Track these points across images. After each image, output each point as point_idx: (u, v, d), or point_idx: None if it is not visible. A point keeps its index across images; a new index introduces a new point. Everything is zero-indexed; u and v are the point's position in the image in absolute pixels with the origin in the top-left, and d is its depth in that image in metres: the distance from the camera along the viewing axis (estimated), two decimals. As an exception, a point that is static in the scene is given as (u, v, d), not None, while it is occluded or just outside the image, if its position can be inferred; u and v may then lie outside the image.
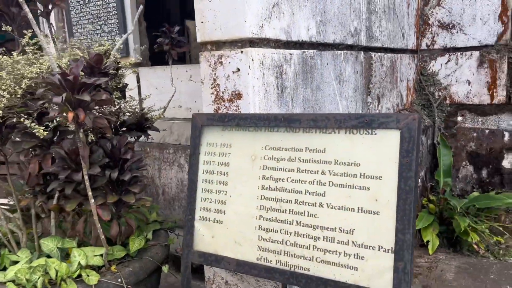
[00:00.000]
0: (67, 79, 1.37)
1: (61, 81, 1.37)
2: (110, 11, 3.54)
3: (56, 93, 1.38)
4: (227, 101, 1.59)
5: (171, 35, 2.54)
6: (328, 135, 1.33)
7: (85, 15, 3.70)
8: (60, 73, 1.37)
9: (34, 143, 1.78)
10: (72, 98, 1.38)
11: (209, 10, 1.56)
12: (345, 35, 2.24)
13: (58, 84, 1.37)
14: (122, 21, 3.45)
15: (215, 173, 1.55)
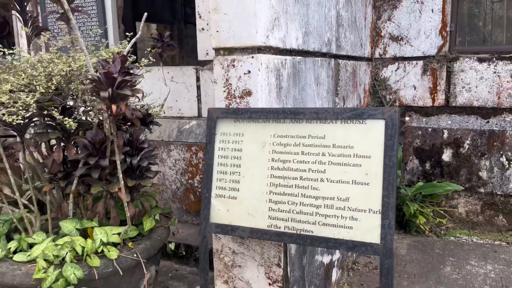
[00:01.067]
0: (110, 77, 1.61)
1: (105, 79, 1.61)
2: (93, 18, 3.68)
3: (100, 89, 1.61)
4: (238, 97, 1.90)
5: (163, 39, 2.81)
6: (327, 125, 1.69)
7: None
8: (104, 72, 1.61)
9: (58, 134, 1.97)
10: (114, 93, 1.62)
11: (224, 22, 1.86)
12: (321, 44, 2.62)
13: (102, 81, 1.61)
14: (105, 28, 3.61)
15: (229, 158, 1.86)
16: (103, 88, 1.61)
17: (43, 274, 1.82)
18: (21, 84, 1.85)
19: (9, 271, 1.91)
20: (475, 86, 3.76)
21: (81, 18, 3.74)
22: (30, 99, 1.80)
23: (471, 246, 3.45)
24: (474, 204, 3.79)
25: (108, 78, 1.61)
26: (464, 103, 3.83)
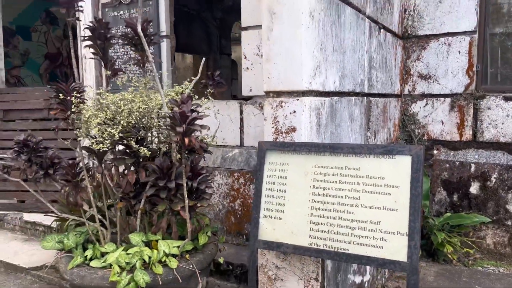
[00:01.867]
0: (184, 115, 1.99)
1: (180, 117, 1.99)
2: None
3: (176, 125, 1.99)
4: (284, 133, 2.24)
5: (214, 78, 3.21)
6: (362, 158, 1.99)
7: (124, 54, 4.31)
8: (179, 112, 1.99)
9: (132, 160, 2.35)
10: (187, 128, 1.99)
11: (274, 70, 2.22)
12: (355, 85, 2.95)
13: (177, 119, 1.99)
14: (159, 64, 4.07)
15: (276, 184, 2.18)
16: (179, 124, 1.98)
17: (117, 277, 2.17)
18: (107, 118, 2.26)
19: (88, 275, 2.26)
20: (502, 123, 3.97)
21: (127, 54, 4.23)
22: (115, 131, 2.20)
23: (497, 276, 3.58)
24: (502, 236, 3.92)
25: (182, 116, 1.99)
26: (490, 138, 4.03)
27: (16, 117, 5.14)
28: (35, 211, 4.68)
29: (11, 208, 4.79)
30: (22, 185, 4.87)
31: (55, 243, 2.51)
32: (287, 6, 2.15)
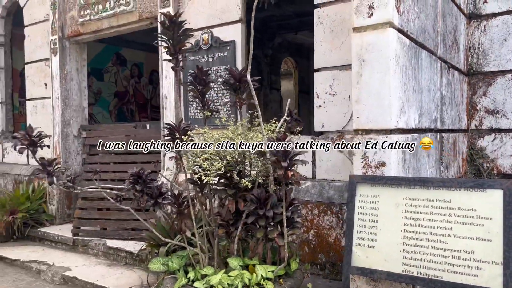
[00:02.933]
0: (287, 152, 2.25)
1: (282, 154, 2.26)
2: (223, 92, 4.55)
3: (280, 160, 2.25)
4: (374, 167, 2.45)
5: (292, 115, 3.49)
6: (452, 192, 2.15)
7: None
8: (283, 151, 2.25)
9: (233, 190, 2.63)
10: (290, 163, 2.25)
11: (363, 111, 2.46)
12: (430, 121, 3.13)
13: (280, 156, 2.25)
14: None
15: (368, 214, 2.37)
16: (283, 160, 2.24)
17: (222, 297, 2.40)
18: (213, 154, 2.57)
19: (193, 295, 2.52)
20: None
21: (216, 95, 4.62)
22: (220, 165, 2.50)
23: None
24: None
25: (285, 153, 2.25)
26: None
27: (101, 151, 5.66)
28: (116, 237, 5.06)
29: (94, 234, 5.21)
30: (105, 213, 5.29)
31: (161, 265, 2.79)
32: (376, 54, 2.40)
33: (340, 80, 3.77)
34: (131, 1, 5.20)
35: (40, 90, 6.48)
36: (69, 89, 6.12)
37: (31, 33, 6.58)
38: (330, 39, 3.80)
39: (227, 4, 4.48)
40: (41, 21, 6.39)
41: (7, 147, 7.11)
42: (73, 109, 6.18)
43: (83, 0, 5.69)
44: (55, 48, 6.02)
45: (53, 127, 6.12)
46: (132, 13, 5.24)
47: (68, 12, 5.96)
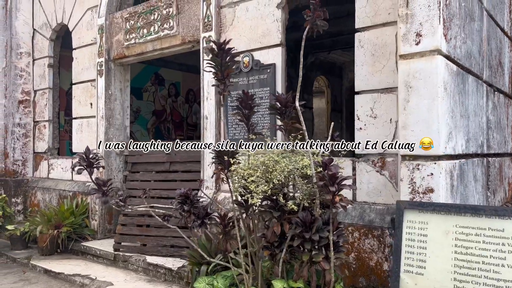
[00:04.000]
0: (335, 177, 2.29)
1: (330, 178, 2.29)
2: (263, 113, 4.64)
3: (328, 185, 2.29)
4: (421, 193, 2.44)
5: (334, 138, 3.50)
6: (506, 220, 2.12)
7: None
8: (330, 174, 2.29)
9: (278, 213, 2.68)
10: (338, 188, 2.28)
11: (411, 136, 2.48)
12: (476, 146, 3.09)
13: (328, 181, 2.29)
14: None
15: (416, 241, 2.36)
16: (330, 184, 2.28)
17: (269, 319, 2.43)
18: (259, 176, 2.63)
19: (239, 315, 2.56)
20: None
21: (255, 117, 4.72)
22: (267, 188, 2.56)
23: None
24: None
25: (332, 177, 2.29)
26: None
27: (141, 169, 5.85)
28: (155, 254, 5.18)
29: (134, 250, 5.35)
30: (145, 229, 5.42)
31: (206, 284, 2.85)
32: (423, 81, 2.43)
33: (382, 103, 3.78)
34: (174, 26, 5.43)
35: (86, 109, 6.79)
36: (113, 108, 6.39)
37: (78, 55, 6.95)
38: (371, 62, 3.83)
39: (268, 29, 4.60)
40: (88, 44, 6.74)
41: (53, 163, 7.45)
42: (116, 127, 6.43)
43: (129, 25, 5.97)
44: (101, 69, 6.33)
45: (97, 144, 6.38)
46: (175, 37, 5.46)
47: (114, 36, 6.27)
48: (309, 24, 2.25)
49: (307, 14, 2.25)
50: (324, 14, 2.21)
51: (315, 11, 2.21)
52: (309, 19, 2.24)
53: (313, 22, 2.23)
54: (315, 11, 2.21)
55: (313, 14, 2.22)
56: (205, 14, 5.04)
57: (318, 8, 2.21)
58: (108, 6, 6.28)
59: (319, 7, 2.22)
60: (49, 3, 7.44)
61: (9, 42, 7.54)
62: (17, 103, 7.59)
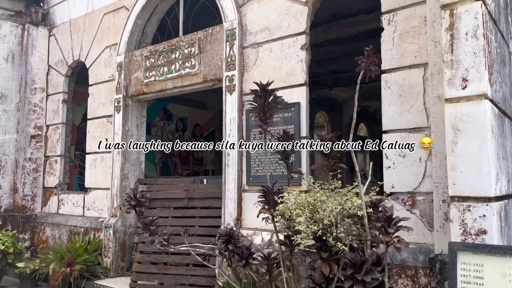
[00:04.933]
0: (391, 218, 2.31)
1: (387, 219, 2.31)
2: (287, 150, 4.68)
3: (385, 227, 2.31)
4: (474, 235, 2.46)
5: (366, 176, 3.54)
6: None
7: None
8: (386, 215, 2.31)
9: (326, 254, 2.67)
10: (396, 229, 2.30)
11: (460, 178, 2.52)
12: (514, 187, 3.14)
13: (385, 222, 2.31)
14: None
15: (472, 284, 2.35)
16: (388, 226, 2.30)
17: None
18: (308, 217, 2.64)
19: None
20: None
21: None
22: (317, 228, 2.56)
23: None
24: None
25: (389, 219, 2.31)
26: None
27: (159, 205, 5.81)
28: (174, 293, 5.07)
29: (152, 289, 5.24)
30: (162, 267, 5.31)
31: (250, 328, 2.79)
32: (471, 124, 2.50)
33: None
34: (196, 64, 5.55)
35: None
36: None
37: (95, 91, 7.03)
38: (399, 103, 3.94)
39: (292, 69, 4.73)
40: (106, 81, 6.84)
41: (63, 198, 7.37)
42: (132, 163, 6.43)
43: (149, 63, 6.10)
44: (119, 106, 6.39)
45: (112, 180, 6.35)
46: (196, 75, 5.58)
47: (133, 73, 6.38)
48: (363, 69, 2.35)
49: (361, 60, 2.35)
50: (378, 60, 2.30)
51: (369, 57, 2.31)
52: (364, 65, 2.33)
53: (367, 68, 2.33)
54: (369, 58, 2.31)
55: (367, 60, 2.32)
56: (228, 54, 5.18)
57: (371, 55, 2.31)
58: (128, 45, 6.43)
59: (373, 53, 2.32)
60: (66, 41, 7.59)
61: (24, 78, 7.62)
62: (29, 137, 7.58)
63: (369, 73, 2.39)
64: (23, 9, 7.83)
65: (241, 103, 5.10)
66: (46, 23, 7.96)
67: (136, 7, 6.32)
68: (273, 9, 4.89)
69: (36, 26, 7.78)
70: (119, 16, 6.68)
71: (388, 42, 4.03)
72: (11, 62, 7.58)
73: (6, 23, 7.56)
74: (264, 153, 4.90)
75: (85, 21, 7.27)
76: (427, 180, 3.74)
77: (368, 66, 2.34)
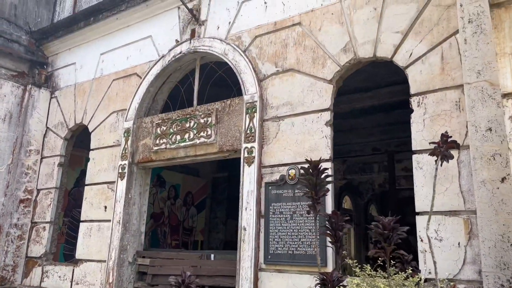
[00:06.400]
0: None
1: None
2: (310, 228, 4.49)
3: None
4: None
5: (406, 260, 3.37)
6: None
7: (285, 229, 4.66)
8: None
9: None
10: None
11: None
12: None
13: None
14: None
15: None
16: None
17: None
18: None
19: None
20: None
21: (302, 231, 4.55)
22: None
23: None
24: None
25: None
26: None
27: (162, 281, 5.37)
28: None
29: None
30: None
31: None
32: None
33: (447, 226, 3.76)
34: (212, 134, 5.47)
35: (99, 212, 6.41)
36: (131, 213, 6.08)
37: (96, 156, 6.77)
38: (432, 184, 3.89)
39: (315, 144, 4.69)
40: (109, 146, 6.63)
41: (48, 270, 6.76)
42: (132, 234, 6.06)
43: (160, 130, 5.98)
44: (123, 172, 6.14)
45: (109, 252, 5.91)
46: (212, 145, 5.47)
47: (141, 139, 6.22)
48: (440, 154, 2.30)
49: (438, 145, 2.31)
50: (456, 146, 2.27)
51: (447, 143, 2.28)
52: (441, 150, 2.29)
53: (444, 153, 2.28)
54: (447, 143, 2.28)
55: (444, 146, 2.28)
56: (248, 126, 5.13)
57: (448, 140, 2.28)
58: (138, 111, 6.34)
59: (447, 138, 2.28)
60: (69, 104, 7.45)
61: (20, 139, 7.33)
62: (18, 202, 7.12)
63: (445, 158, 2.34)
64: (26, 70, 7.74)
65: (260, 176, 4.97)
66: (49, 85, 7.85)
67: (149, 74, 6.33)
68: (296, 85, 4.96)
69: (39, 87, 7.66)
70: (130, 82, 6.65)
71: (418, 123, 4.08)
72: (8, 122, 7.32)
73: (8, 83, 7.40)
74: (286, 229, 4.69)
75: (91, 86, 7.20)
76: (468, 267, 3.60)
77: (446, 151, 2.29)
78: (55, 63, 7.96)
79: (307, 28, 5.01)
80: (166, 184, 10.16)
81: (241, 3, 5.65)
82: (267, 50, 5.28)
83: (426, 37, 4.14)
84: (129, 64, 6.71)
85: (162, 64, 6.19)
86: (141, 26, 6.69)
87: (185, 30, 6.14)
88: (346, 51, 4.66)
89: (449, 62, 3.96)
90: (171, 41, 6.22)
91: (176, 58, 6.08)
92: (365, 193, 12.99)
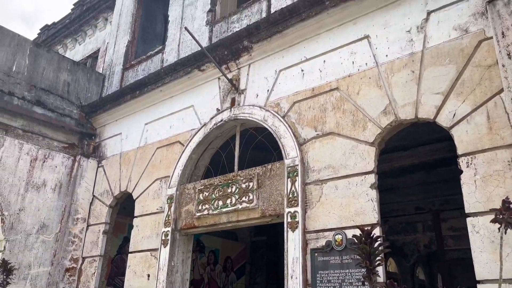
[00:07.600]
0: None
1: None
2: None
3: None
4: None
5: None
6: None
7: None
8: None
9: None
10: None
11: None
12: None
13: None
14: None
15: None
16: None
17: None
18: None
19: None
20: None
21: None
22: None
23: None
24: None
25: None
26: None
27: None
28: None
29: None
30: None
31: None
32: None
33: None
34: (254, 199, 5.47)
35: (142, 281, 6.38)
36: (173, 281, 6.02)
37: (140, 223, 6.87)
38: (492, 250, 3.68)
39: (361, 208, 4.59)
40: (153, 213, 6.73)
41: None
42: (174, 303, 5.93)
43: (203, 196, 6.05)
44: (166, 239, 6.17)
45: (152, 323, 5.78)
46: (254, 210, 5.45)
47: (184, 206, 6.30)
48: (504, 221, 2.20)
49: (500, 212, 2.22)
50: (521, 214, 2.18)
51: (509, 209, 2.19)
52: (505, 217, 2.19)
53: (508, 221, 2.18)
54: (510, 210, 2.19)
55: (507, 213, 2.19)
56: (290, 190, 5.12)
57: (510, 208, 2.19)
58: (180, 178, 6.48)
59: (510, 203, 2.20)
60: (115, 172, 7.74)
61: (68, 208, 7.59)
62: (64, 271, 7.22)
63: (508, 226, 2.23)
64: (76, 141, 8.19)
65: (304, 242, 4.86)
66: (96, 155, 8.23)
67: (192, 142, 6.54)
68: (337, 148, 4.97)
69: (87, 157, 8.04)
70: (173, 150, 6.88)
71: (469, 184, 3.95)
72: (58, 192, 7.64)
73: (59, 154, 7.83)
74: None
75: (136, 154, 7.49)
76: None
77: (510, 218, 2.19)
78: (103, 134, 8.41)
79: (345, 92, 5.11)
80: (206, 249, 10.07)
81: (279, 71, 5.89)
82: (306, 115, 5.39)
83: (469, 97, 4.13)
84: (172, 132, 6.99)
85: (204, 131, 6.42)
86: (184, 96, 7.04)
87: (226, 99, 6.41)
88: (387, 114, 4.69)
89: (496, 121, 3.89)
90: (212, 110, 6.48)
91: (217, 126, 6.29)
92: (410, 254, 12.33)
